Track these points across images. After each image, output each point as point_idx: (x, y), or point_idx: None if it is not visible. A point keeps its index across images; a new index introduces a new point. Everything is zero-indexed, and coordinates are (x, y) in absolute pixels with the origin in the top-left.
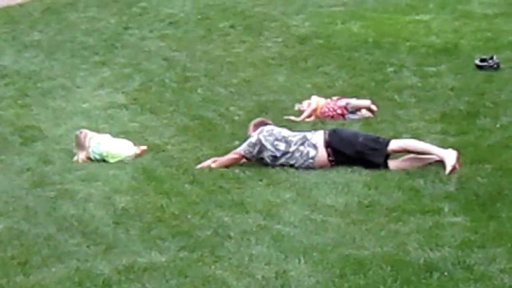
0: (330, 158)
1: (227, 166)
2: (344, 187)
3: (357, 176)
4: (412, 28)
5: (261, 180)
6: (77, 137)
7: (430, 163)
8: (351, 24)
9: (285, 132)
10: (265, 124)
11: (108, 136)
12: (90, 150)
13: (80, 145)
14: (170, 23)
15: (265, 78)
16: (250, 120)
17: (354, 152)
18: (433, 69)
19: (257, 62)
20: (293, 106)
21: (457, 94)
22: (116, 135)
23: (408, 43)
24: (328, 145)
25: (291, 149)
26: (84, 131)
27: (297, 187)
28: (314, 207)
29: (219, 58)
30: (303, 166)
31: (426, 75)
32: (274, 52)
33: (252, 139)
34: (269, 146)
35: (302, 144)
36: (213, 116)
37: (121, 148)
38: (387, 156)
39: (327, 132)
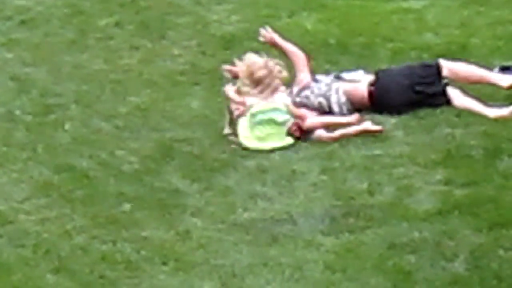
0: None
1: None
2: (295, 271)
3: (314, 252)
4: (397, 22)
5: (165, 264)
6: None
7: None
8: (302, 17)
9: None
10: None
11: None
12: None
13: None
14: (22, 22)
15: (171, 104)
16: (147, 170)
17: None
18: None
19: (158, 80)
20: (213, 145)
21: (466, 123)
22: None
23: (390, 45)
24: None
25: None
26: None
27: (221, 273)
28: None
29: (98, 75)
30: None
31: None
32: (185, 63)
33: None
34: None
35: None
36: (89, 166)
37: None
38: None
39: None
